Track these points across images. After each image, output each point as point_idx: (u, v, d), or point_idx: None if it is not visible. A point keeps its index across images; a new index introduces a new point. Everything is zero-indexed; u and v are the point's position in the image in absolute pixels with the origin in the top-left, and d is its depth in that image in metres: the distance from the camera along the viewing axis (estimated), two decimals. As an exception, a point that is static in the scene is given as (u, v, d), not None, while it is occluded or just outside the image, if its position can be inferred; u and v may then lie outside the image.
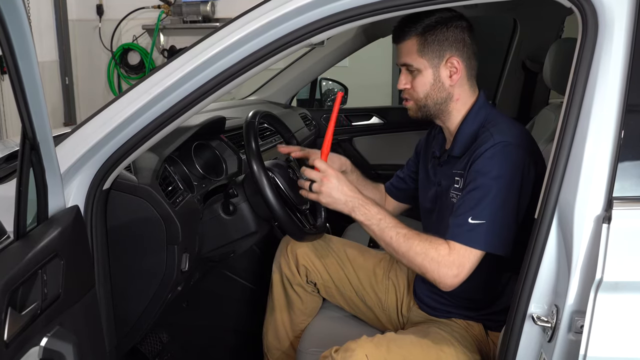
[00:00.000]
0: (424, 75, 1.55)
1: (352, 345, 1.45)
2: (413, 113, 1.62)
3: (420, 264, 1.44)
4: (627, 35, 1.14)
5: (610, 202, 1.13)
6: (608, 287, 1.09)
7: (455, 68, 1.55)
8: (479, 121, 1.57)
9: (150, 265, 1.53)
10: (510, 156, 1.44)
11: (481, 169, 1.45)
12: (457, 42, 1.54)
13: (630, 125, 1.13)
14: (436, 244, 1.44)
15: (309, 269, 1.86)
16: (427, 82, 1.56)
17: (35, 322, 1.00)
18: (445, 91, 1.57)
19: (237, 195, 1.79)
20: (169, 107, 1.33)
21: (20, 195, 1.03)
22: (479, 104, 1.59)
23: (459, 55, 1.54)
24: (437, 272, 1.42)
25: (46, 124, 1.06)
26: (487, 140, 1.48)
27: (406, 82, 1.59)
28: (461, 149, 1.57)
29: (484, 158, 1.46)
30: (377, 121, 3.24)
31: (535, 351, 1.25)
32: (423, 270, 1.45)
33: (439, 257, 1.42)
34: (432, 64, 1.54)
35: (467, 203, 1.45)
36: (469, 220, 1.42)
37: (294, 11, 1.25)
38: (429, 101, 1.58)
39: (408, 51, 1.56)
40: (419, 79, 1.56)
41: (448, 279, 1.42)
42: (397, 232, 1.47)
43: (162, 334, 2.22)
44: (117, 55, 4.78)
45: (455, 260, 1.42)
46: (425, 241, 1.45)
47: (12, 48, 0.92)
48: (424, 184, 1.77)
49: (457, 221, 1.45)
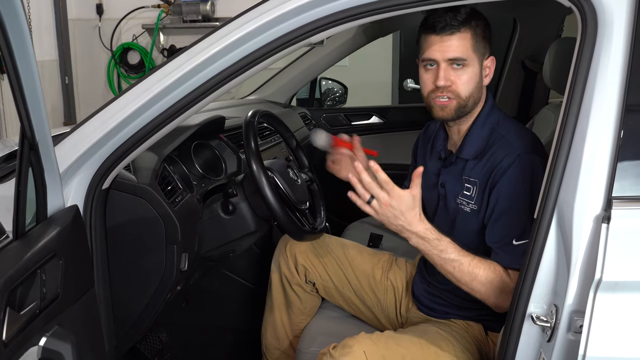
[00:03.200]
0: (473, 72, 1.49)
1: (350, 342, 1.45)
2: (449, 113, 1.51)
3: (484, 292, 1.44)
4: (627, 35, 1.14)
5: (609, 201, 1.13)
6: (607, 287, 1.09)
7: (489, 67, 1.54)
8: (490, 125, 1.55)
9: (150, 264, 1.53)
10: (531, 167, 1.44)
11: (511, 190, 1.45)
12: (490, 42, 1.54)
13: (629, 124, 1.13)
14: (499, 273, 1.43)
15: (308, 268, 1.86)
16: (473, 80, 1.50)
17: (34, 322, 1.00)
18: (481, 91, 1.55)
19: (236, 195, 1.79)
20: (168, 107, 1.33)
21: (19, 195, 1.03)
22: (489, 106, 1.58)
23: (491, 54, 1.55)
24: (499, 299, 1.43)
25: (45, 124, 1.06)
26: (506, 151, 1.47)
27: (451, 79, 1.48)
28: (472, 152, 1.55)
29: (510, 176, 1.45)
30: (376, 121, 3.24)
31: (535, 351, 1.24)
32: (484, 297, 1.45)
33: (502, 285, 1.42)
34: (479, 61, 1.51)
35: (508, 227, 1.45)
36: (513, 243, 1.43)
37: (293, 10, 1.25)
38: (470, 100, 1.51)
39: (460, 44, 1.47)
40: (466, 76, 1.48)
41: (507, 304, 1.38)
42: (460, 262, 1.42)
43: (162, 334, 2.22)
44: (117, 55, 4.77)
45: (511, 282, 1.42)
46: (489, 270, 1.43)
47: (10, 48, 0.92)
48: (425, 185, 1.73)
49: (504, 247, 1.45)
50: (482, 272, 1.43)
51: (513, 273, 1.43)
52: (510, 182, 1.45)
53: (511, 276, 1.43)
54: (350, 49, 2.97)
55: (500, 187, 1.47)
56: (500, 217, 1.47)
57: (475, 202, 1.53)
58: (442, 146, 1.67)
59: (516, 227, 1.44)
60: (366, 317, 1.86)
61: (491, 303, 1.45)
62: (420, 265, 1.79)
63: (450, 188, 1.60)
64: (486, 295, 1.44)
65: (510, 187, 1.46)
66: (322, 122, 3.16)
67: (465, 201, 1.55)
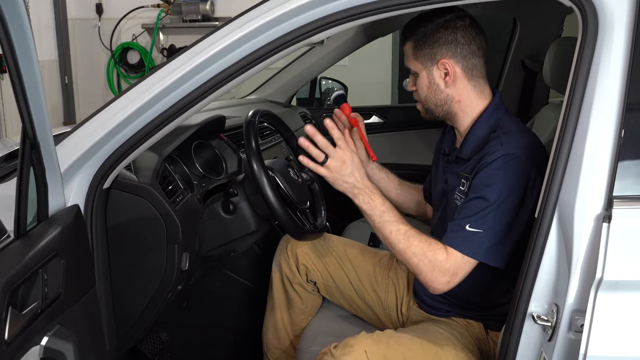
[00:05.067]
0: (421, 78, 1.58)
1: (351, 341, 1.45)
2: (423, 114, 1.65)
3: (415, 265, 1.45)
4: (628, 34, 1.14)
5: (610, 201, 1.13)
6: (608, 286, 1.09)
7: (447, 70, 1.54)
8: (491, 125, 1.55)
9: (151, 264, 1.53)
10: (516, 169, 1.43)
11: (485, 180, 1.45)
12: (448, 44, 1.52)
13: (630, 124, 1.13)
14: (435, 248, 1.44)
15: (309, 268, 1.86)
16: (424, 85, 1.58)
17: (35, 322, 1.00)
18: (442, 93, 1.57)
19: (237, 195, 1.79)
20: (169, 106, 1.33)
21: (21, 194, 1.03)
22: (493, 107, 1.57)
23: (450, 56, 1.53)
24: (430, 276, 1.44)
25: (46, 123, 1.06)
26: (496, 150, 1.47)
27: (412, 85, 1.63)
28: (469, 152, 1.56)
29: (490, 169, 1.45)
30: (377, 120, 3.24)
31: (535, 350, 1.25)
32: (417, 271, 1.46)
33: (436, 261, 1.43)
34: (425, 67, 1.56)
35: (467, 210, 1.45)
36: (466, 227, 1.43)
37: (294, 10, 1.25)
38: (429, 103, 1.60)
39: (406, 55, 1.60)
40: (418, 82, 1.59)
41: (440, 284, 1.44)
42: (397, 227, 1.47)
43: (162, 333, 2.22)
44: (117, 54, 4.77)
45: (450, 267, 1.43)
46: (425, 242, 1.45)
47: (12, 47, 0.92)
48: (434, 179, 1.78)
49: (455, 227, 1.45)
50: (417, 243, 1.45)
51: (453, 255, 1.43)
52: (487, 173, 1.45)
53: (450, 256, 1.43)
54: (351, 49, 2.97)
55: (478, 177, 1.47)
56: (467, 201, 1.47)
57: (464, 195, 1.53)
58: (447, 142, 1.70)
59: (476, 214, 1.43)
60: (367, 316, 1.86)
61: (423, 279, 1.45)
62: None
63: (450, 183, 1.62)
64: (417, 269, 1.45)
65: (485, 176, 1.45)
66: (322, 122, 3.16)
67: (460, 196, 1.56)
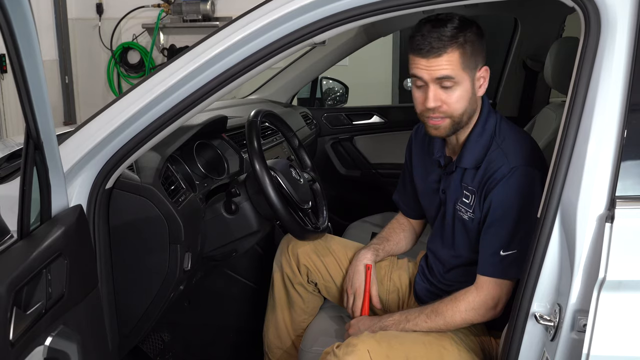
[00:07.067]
0: (463, 89, 1.44)
1: (354, 341, 1.45)
2: (443, 132, 1.49)
3: (463, 320, 1.52)
4: (630, 35, 1.14)
5: (613, 201, 1.13)
6: (611, 286, 1.09)
7: (484, 77, 1.49)
8: (489, 132, 1.53)
9: (153, 264, 1.53)
10: (525, 180, 1.44)
11: (503, 200, 1.46)
12: (483, 51, 1.48)
13: (633, 124, 1.13)
14: (462, 296, 1.50)
15: (310, 268, 1.85)
16: (465, 97, 1.45)
17: (40, 322, 1.00)
18: (476, 103, 1.50)
19: (239, 194, 1.79)
20: (171, 107, 1.33)
21: (24, 195, 1.03)
22: (486, 112, 1.55)
23: (483, 61, 1.49)
24: (479, 317, 1.50)
25: (50, 124, 1.06)
26: (501, 162, 1.47)
27: (441, 99, 1.44)
28: (472, 160, 1.54)
29: (504, 186, 1.45)
30: (377, 120, 3.24)
31: (538, 350, 1.25)
32: (469, 323, 1.52)
33: (471, 304, 1.49)
34: (470, 76, 1.45)
35: (496, 238, 1.47)
36: (501, 254, 1.46)
37: (296, 11, 1.25)
38: (464, 116, 1.48)
39: (448, 64, 1.41)
40: (457, 94, 1.44)
41: (490, 314, 1.50)
42: (426, 316, 1.54)
43: (164, 333, 2.22)
44: (117, 54, 4.77)
45: (487, 295, 1.48)
46: (451, 302, 1.51)
47: (17, 47, 0.92)
48: (425, 191, 1.74)
49: (491, 259, 1.48)
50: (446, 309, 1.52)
51: (490, 282, 1.48)
52: (503, 192, 1.46)
53: (481, 288, 1.49)
54: (352, 49, 2.97)
55: (493, 197, 1.47)
56: (490, 225, 1.49)
57: (474, 211, 1.54)
58: (440, 153, 1.64)
59: (504, 237, 1.46)
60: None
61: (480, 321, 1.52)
62: (422, 264, 1.80)
63: (450, 194, 1.61)
64: (467, 322, 1.52)
65: (502, 197, 1.46)
66: (323, 122, 3.16)
67: (464, 209, 1.56)
